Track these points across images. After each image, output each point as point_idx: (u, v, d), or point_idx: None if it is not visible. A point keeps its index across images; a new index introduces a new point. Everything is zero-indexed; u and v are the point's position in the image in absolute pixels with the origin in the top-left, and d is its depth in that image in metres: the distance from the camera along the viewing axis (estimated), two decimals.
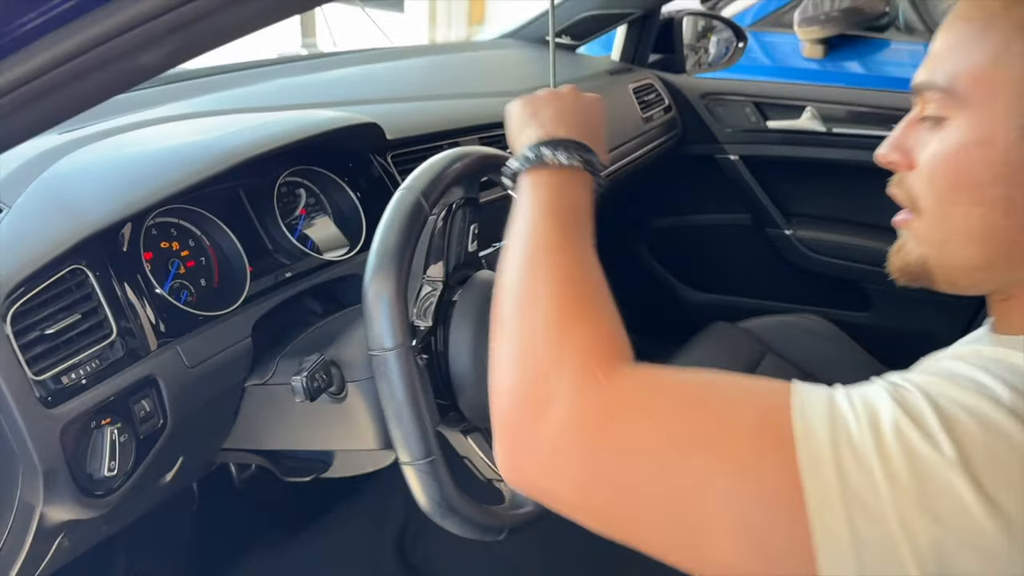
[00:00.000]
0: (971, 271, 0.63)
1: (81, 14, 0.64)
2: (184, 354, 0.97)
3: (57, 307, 0.87)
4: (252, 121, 1.15)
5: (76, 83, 0.68)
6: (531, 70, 1.87)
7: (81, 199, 0.95)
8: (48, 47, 0.65)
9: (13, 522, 0.86)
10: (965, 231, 0.61)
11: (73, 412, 0.85)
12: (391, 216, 0.89)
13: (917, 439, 0.47)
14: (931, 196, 0.63)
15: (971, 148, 0.60)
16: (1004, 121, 0.58)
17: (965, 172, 0.60)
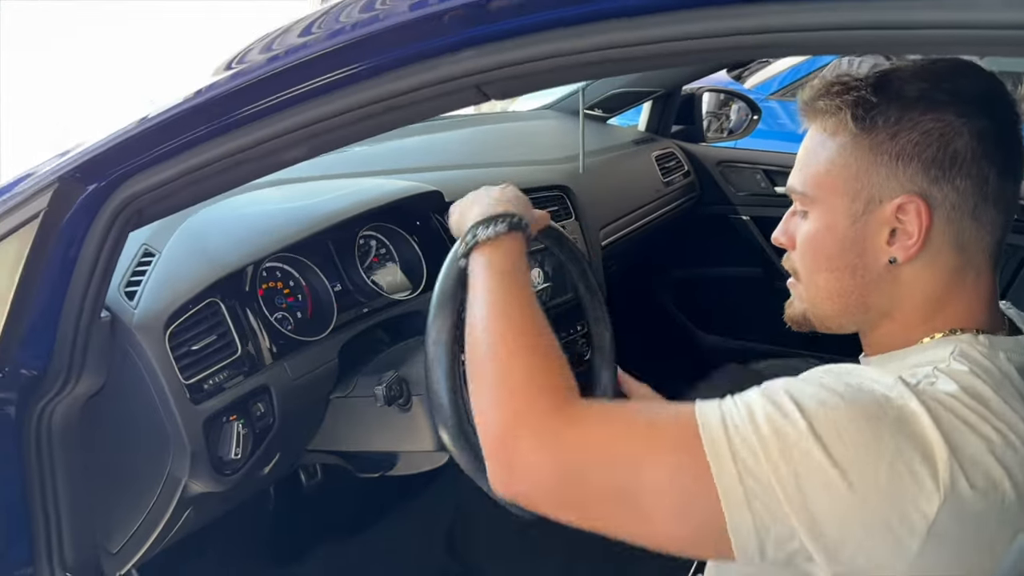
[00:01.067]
0: (836, 318, 0.85)
1: (251, 122, 0.93)
2: (289, 369, 1.25)
3: (199, 330, 1.16)
4: (341, 189, 1.44)
5: (245, 164, 0.97)
6: (565, 140, 2.15)
7: (216, 246, 1.24)
8: (233, 140, 0.94)
9: (161, 492, 1.14)
10: (827, 291, 0.84)
11: (212, 409, 1.13)
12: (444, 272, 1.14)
13: (779, 419, 0.68)
14: (803, 268, 0.85)
15: (823, 232, 0.82)
16: (840, 212, 0.80)
17: (821, 249, 0.82)
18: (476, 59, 0.80)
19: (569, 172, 1.95)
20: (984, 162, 0.75)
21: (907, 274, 0.79)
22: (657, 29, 0.72)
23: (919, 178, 0.76)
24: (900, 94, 0.77)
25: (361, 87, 0.85)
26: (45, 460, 1.10)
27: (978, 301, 0.80)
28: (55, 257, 1.01)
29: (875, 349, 0.85)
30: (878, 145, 0.77)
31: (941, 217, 0.76)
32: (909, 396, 0.69)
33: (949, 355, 0.75)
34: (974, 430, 0.68)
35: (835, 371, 0.73)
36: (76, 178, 1.00)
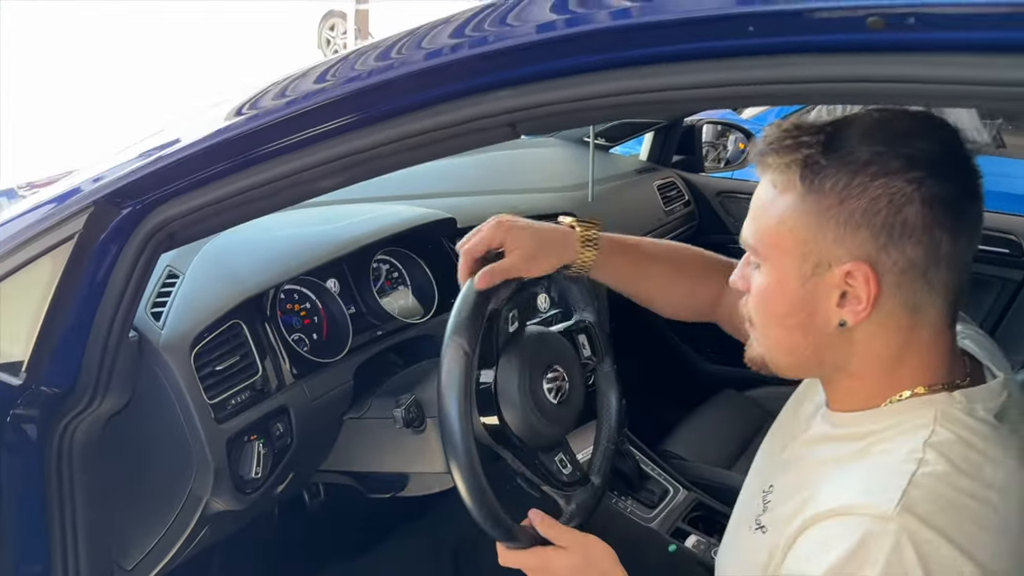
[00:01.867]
0: (792, 369, 0.86)
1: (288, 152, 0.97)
2: (308, 390, 1.27)
3: (223, 351, 1.19)
4: (358, 215, 1.48)
5: (279, 193, 1.00)
6: (572, 168, 2.20)
7: (239, 270, 1.27)
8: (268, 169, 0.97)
9: (182, 509, 1.16)
10: (779, 346, 0.84)
11: (235, 428, 1.15)
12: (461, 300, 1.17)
13: None
14: (756, 318, 0.86)
15: (773, 288, 0.81)
16: (790, 271, 0.79)
17: (771, 305, 0.82)
18: (512, 99, 0.84)
19: (577, 200, 2.00)
20: (936, 229, 0.74)
21: (860, 335, 0.79)
22: (664, 78, 0.75)
23: (868, 245, 0.75)
24: (851, 156, 0.75)
25: (400, 121, 0.89)
26: (65, 477, 1.12)
27: (936, 357, 0.81)
28: (87, 277, 1.04)
29: (841, 404, 0.85)
30: (826, 210, 0.76)
31: (890, 282, 0.76)
32: (917, 528, 0.71)
33: (932, 420, 0.76)
34: (979, 522, 0.72)
35: (834, 534, 0.74)
36: (112, 202, 1.02)
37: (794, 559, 0.77)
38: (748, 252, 0.85)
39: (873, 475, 0.76)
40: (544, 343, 1.27)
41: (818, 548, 0.75)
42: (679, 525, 1.80)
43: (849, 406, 0.84)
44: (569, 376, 1.28)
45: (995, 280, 2.19)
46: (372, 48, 0.90)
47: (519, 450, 1.23)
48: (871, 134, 0.76)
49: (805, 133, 0.78)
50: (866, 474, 0.77)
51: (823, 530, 0.75)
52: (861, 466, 0.78)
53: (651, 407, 2.24)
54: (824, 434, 0.87)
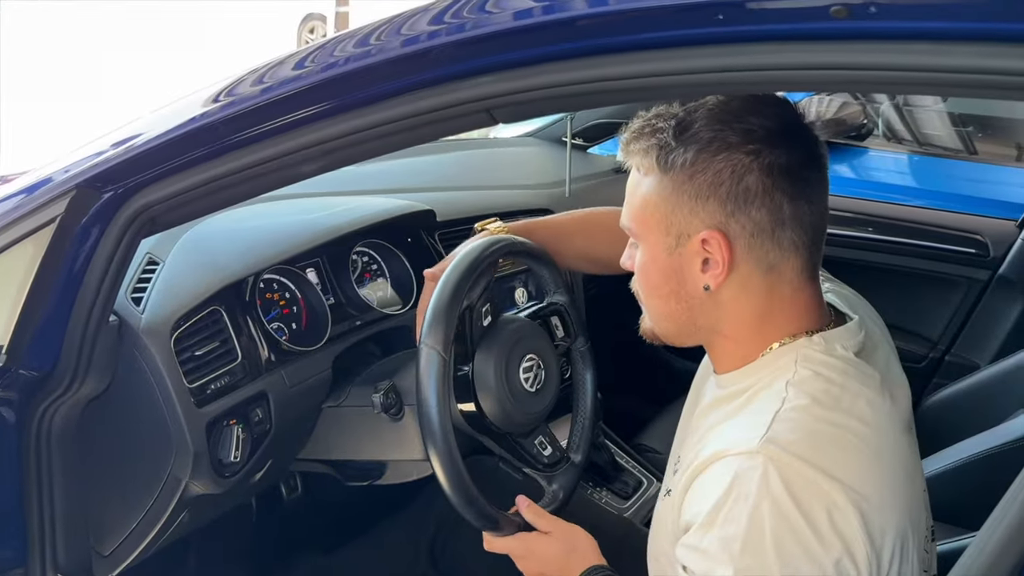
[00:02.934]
0: (676, 336, 0.95)
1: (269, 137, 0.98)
2: (286, 376, 1.29)
3: (202, 336, 1.20)
4: (337, 206, 1.49)
5: (259, 178, 1.02)
6: (549, 167, 2.22)
7: (219, 257, 1.28)
8: (248, 155, 0.98)
9: (161, 492, 1.17)
10: (660, 314, 0.94)
11: (214, 412, 1.17)
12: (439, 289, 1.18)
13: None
14: (640, 292, 0.95)
15: (648, 264, 0.91)
16: (658, 246, 0.89)
17: (648, 279, 0.92)
18: (490, 85, 0.86)
19: (554, 196, 2.02)
20: (776, 193, 0.83)
21: (725, 297, 0.88)
22: (639, 66, 0.78)
23: (718, 213, 0.84)
24: (696, 136, 0.84)
25: (379, 108, 0.91)
26: (43, 461, 1.12)
27: (802, 309, 0.89)
28: (68, 261, 1.05)
29: (723, 366, 0.93)
30: (679, 185, 0.85)
31: (742, 245, 0.85)
32: (778, 454, 0.77)
33: (793, 363, 0.85)
34: (840, 445, 0.80)
35: (712, 476, 0.81)
36: (93, 186, 1.03)
37: (686, 508, 0.84)
38: (628, 234, 0.95)
39: (746, 421, 0.84)
40: (519, 332, 1.29)
41: (701, 493, 0.82)
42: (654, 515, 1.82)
43: (730, 366, 0.91)
44: (545, 363, 1.30)
45: (962, 280, 2.23)
46: (350, 35, 0.91)
47: (499, 436, 1.25)
48: (713, 115, 0.85)
49: (660, 120, 0.88)
50: (741, 421, 0.85)
51: (705, 476, 0.82)
52: (740, 416, 0.86)
53: (625, 404, 2.27)
54: (714, 398, 0.94)
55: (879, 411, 0.85)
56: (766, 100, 0.87)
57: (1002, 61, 0.64)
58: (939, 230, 2.28)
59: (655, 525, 1.02)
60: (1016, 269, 2.09)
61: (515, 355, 1.26)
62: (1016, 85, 0.66)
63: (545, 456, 1.27)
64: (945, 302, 2.26)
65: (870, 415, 0.84)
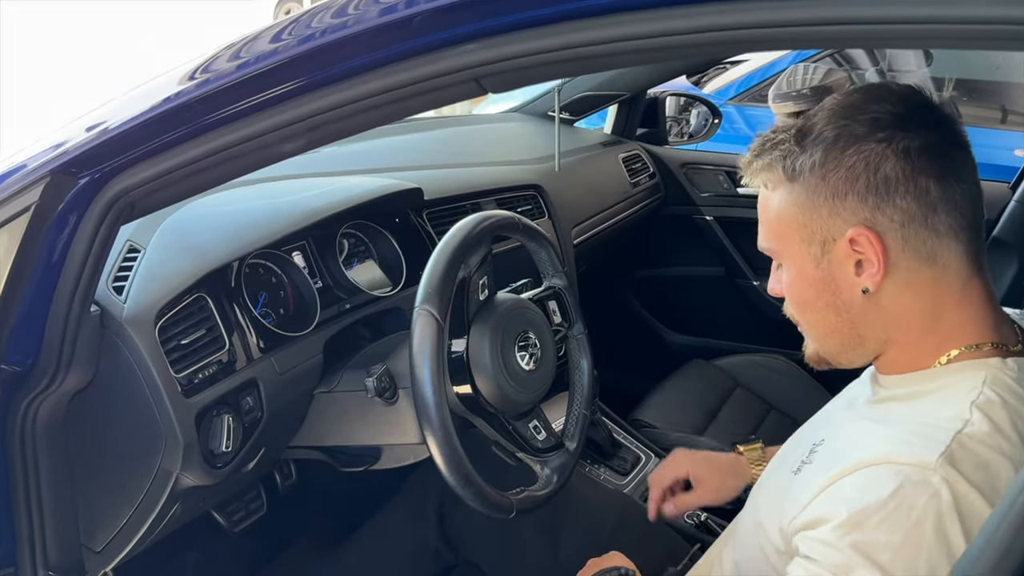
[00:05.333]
0: (843, 354, 0.89)
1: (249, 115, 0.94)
2: (276, 363, 1.26)
3: (188, 324, 1.17)
4: (322, 186, 1.46)
5: (239, 159, 0.98)
6: (537, 142, 2.19)
7: (202, 242, 1.24)
8: (228, 134, 0.95)
9: (151, 485, 1.14)
10: (820, 331, 0.88)
11: (203, 402, 1.13)
12: (431, 268, 1.16)
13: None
14: (795, 312, 0.90)
15: (795, 280, 0.87)
16: (803, 258, 0.85)
17: (799, 295, 0.87)
18: (477, 53, 0.82)
19: (542, 172, 1.99)
20: (919, 177, 0.78)
21: (888, 299, 0.82)
22: (623, 28, 0.75)
23: (860, 209, 0.80)
24: (820, 137, 0.81)
25: (363, 79, 0.87)
26: (30, 458, 1.09)
27: (977, 309, 0.83)
28: (45, 250, 1.01)
29: (890, 368, 0.87)
30: (812, 189, 0.81)
31: (895, 237, 0.79)
32: (956, 479, 0.72)
33: (981, 382, 0.78)
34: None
35: (871, 479, 0.76)
36: (68, 172, 1.00)
37: (827, 499, 0.78)
38: (770, 256, 0.91)
39: (918, 430, 0.77)
40: (515, 310, 1.28)
41: (853, 491, 0.76)
42: None
43: (898, 369, 0.86)
44: (541, 343, 1.29)
45: None
46: (329, 5, 0.88)
47: (493, 418, 1.23)
48: (833, 113, 0.81)
49: (779, 132, 0.84)
50: (911, 429, 0.78)
51: (861, 476, 0.77)
52: (906, 422, 0.80)
53: (622, 379, 2.26)
54: (875, 396, 0.89)
55: None
56: (886, 87, 0.83)
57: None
58: None
59: (768, 492, 0.98)
60: (1010, 231, 2.07)
61: (511, 332, 1.25)
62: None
63: (539, 441, 1.26)
64: None
65: None
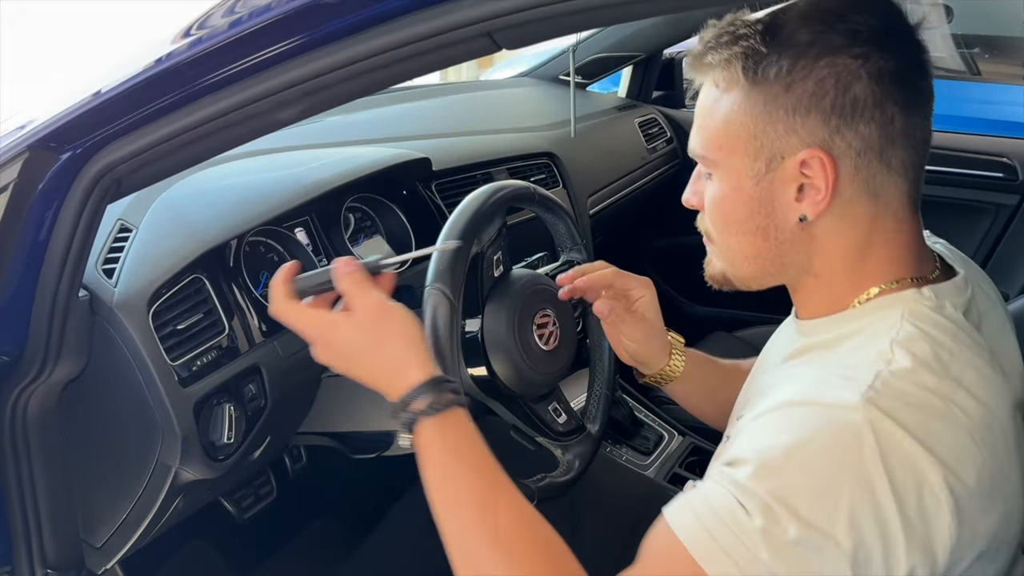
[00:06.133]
0: (755, 279, 0.83)
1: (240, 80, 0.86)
2: (280, 347, 1.18)
3: (184, 308, 1.09)
4: (325, 158, 1.37)
5: (232, 128, 0.90)
6: (549, 107, 2.10)
7: (197, 220, 1.17)
8: (220, 100, 0.87)
9: (150, 480, 1.08)
10: (742, 253, 0.81)
11: (202, 391, 1.06)
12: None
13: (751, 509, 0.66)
14: (715, 230, 0.83)
15: (728, 194, 0.79)
16: (743, 173, 0.77)
17: (729, 213, 0.79)
18: (492, 3, 0.74)
19: (556, 138, 1.90)
20: (887, 103, 0.72)
21: (821, 230, 0.77)
22: None
23: (820, 129, 0.73)
24: (792, 40, 0.73)
25: (364, 37, 0.79)
26: (21, 452, 1.03)
27: (902, 247, 0.78)
28: (28, 232, 0.94)
29: (809, 311, 0.83)
30: (773, 99, 0.74)
31: (848, 167, 0.74)
32: (879, 418, 0.67)
33: (900, 318, 0.73)
34: (948, 420, 0.68)
35: (791, 419, 0.70)
36: (48, 147, 0.92)
37: (744, 439, 0.72)
38: (699, 163, 0.83)
39: (839, 372, 0.72)
40: (532, 287, 1.20)
41: (770, 430, 0.70)
42: (676, 471, 1.74)
43: (818, 311, 0.81)
44: (560, 320, 1.21)
45: (989, 207, 2.12)
46: None
47: (511, 401, 1.16)
48: (809, 15, 0.74)
49: (743, 26, 0.75)
50: (832, 371, 0.73)
51: (779, 415, 0.71)
52: (829, 365, 0.74)
53: None
54: (797, 347, 0.83)
55: (990, 385, 0.73)
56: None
57: None
58: (963, 155, 2.16)
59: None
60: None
61: (528, 310, 1.17)
62: None
63: (560, 424, 1.19)
64: (971, 231, 2.15)
65: (980, 388, 0.71)
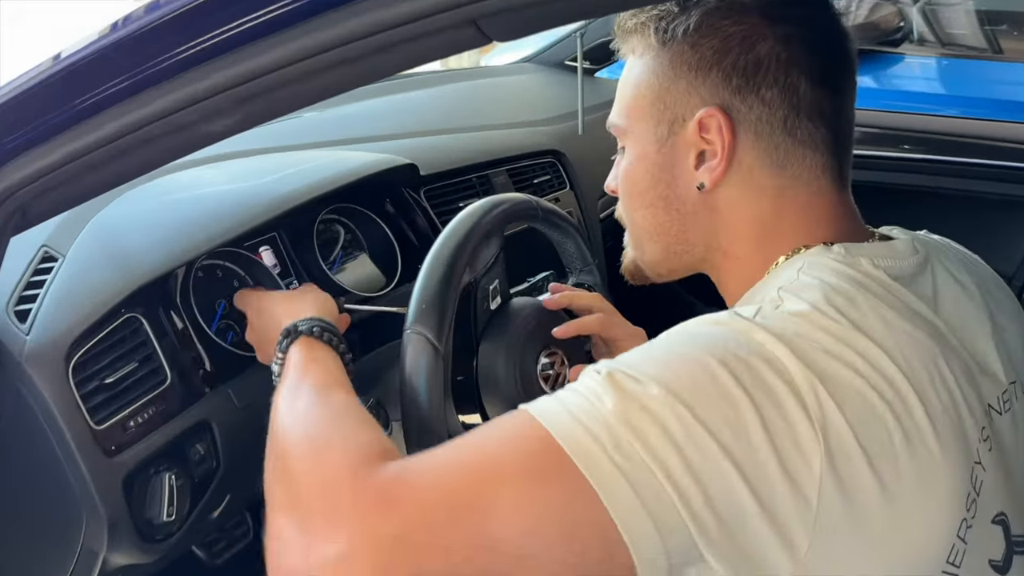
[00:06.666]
0: (663, 262, 0.79)
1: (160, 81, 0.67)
2: (235, 396, 0.99)
3: (115, 355, 0.90)
4: (294, 165, 1.18)
5: (154, 143, 0.71)
6: (552, 96, 1.89)
7: (133, 247, 0.98)
8: (136, 108, 0.68)
9: (75, 567, 0.89)
10: (646, 230, 0.78)
11: (134, 460, 0.87)
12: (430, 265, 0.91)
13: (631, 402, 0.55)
14: (624, 210, 0.80)
15: (634, 164, 0.76)
16: (647, 139, 0.74)
17: (633, 183, 0.77)
18: None
19: (561, 134, 1.69)
20: (792, 70, 0.70)
21: (723, 200, 0.73)
22: None
23: (720, 89, 0.71)
24: (704, 1, 0.72)
25: (318, 24, 0.60)
26: None
27: (820, 217, 0.72)
28: None
29: (733, 296, 0.75)
30: (679, 56, 0.72)
31: (748, 131, 0.71)
32: (751, 330, 0.59)
33: (796, 271, 0.66)
34: (837, 358, 0.58)
35: (668, 334, 0.62)
36: None
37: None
38: (616, 138, 0.80)
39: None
40: (535, 319, 1.02)
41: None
42: None
43: (736, 292, 0.75)
44: (569, 359, 1.04)
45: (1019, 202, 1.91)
46: None
47: None
48: None
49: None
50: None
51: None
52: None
53: None
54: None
55: (910, 341, 0.62)
56: None
57: None
58: (1008, 145, 1.94)
59: None
60: None
61: (531, 348, 1.00)
62: None
63: None
64: (1019, 229, 1.94)
65: (886, 338, 0.60)
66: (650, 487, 0.52)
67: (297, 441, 0.68)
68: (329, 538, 0.54)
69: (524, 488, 0.54)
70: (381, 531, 0.53)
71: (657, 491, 0.52)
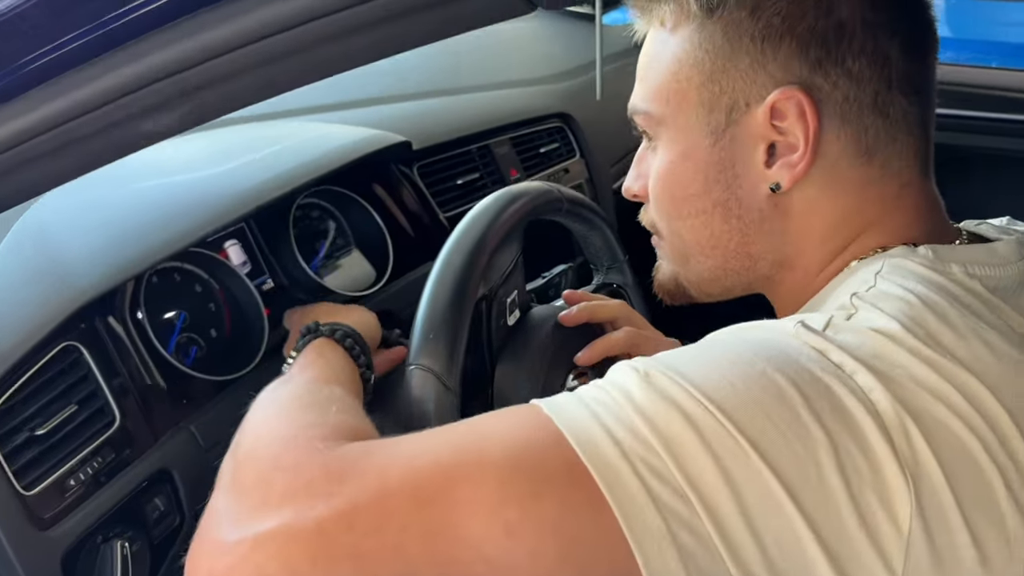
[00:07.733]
0: (716, 280, 0.66)
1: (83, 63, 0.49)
2: (199, 434, 0.83)
3: (48, 398, 0.73)
4: (267, 146, 1.00)
5: (74, 147, 0.55)
6: (560, 48, 1.70)
7: (69, 259, 0.80)
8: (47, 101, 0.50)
9: None
10: (697, 243, 0.64)
11: (76, 531, 0.71)
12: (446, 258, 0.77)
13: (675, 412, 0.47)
14: (662, 218, 0.66)
15: (677, 164, 0.63)
16: (696, 131, 0.61)
17: (679, 186, 0.63)
18: None
19: (569, 93, 1.51)
20: (881, 33, 0.58)
21: (798, 202, 0.61)
22: None
23: (795, 63, 0.58)
24: None
25: None
26: None
27: (908, 216, 0.61)
28: None
29: (789, 309, 0.63)
30: (735, 26, 0.59)
31: (833, 115, 0.59)
32: (824, 346, 0.49)
33: (874, 275, 0.56)
34: (931, 391, 0.48)
35: (719, 334, 0.53)
36: None
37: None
38: (641, 127, 0.66)
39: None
40: (559, 332, 0.87)
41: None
42: None
43: (796, 306, 0.63)
44: (601, 375, 0.88)
45: None
46: None
47: None
48: None
49: None
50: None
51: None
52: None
53: None
54: None
55: (1011, 371, 0.51)
56: None
57: None
58: None
59: None
60: None
61: (556, 370, 0.87)
62: None
63: None
64: None
65: (989, 368, 0.50)
66: (686, 522, 0.44)
67: (263, 419, 0.61)
68: (264, 511, 0.47)
69: (511, 486, 0.46)
70: (323, 509, 0.46)
71: (694, 527, 0.44)
